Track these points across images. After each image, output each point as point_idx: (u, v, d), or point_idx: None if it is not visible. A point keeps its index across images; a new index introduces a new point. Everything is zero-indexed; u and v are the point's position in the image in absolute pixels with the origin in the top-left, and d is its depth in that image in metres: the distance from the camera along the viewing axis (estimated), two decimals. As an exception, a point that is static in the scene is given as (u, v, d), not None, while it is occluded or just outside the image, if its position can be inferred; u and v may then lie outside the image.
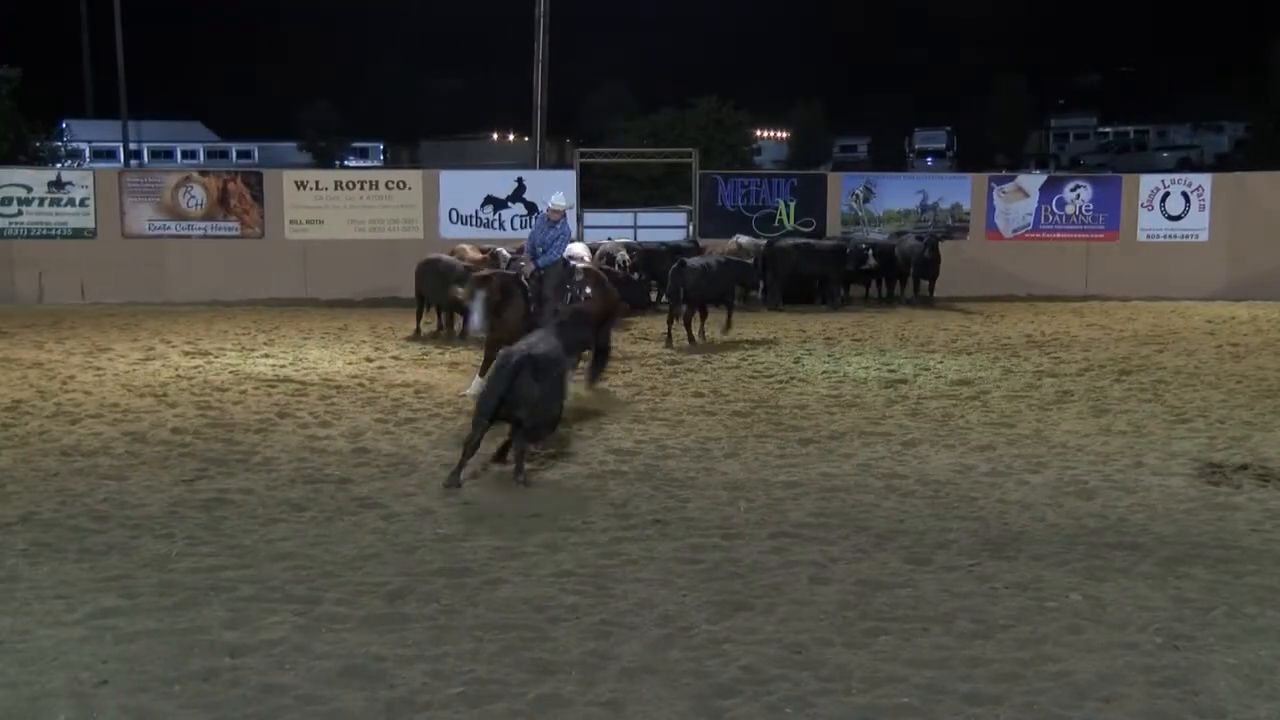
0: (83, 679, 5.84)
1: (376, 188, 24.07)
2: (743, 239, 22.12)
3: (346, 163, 62.99)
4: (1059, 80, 74.92)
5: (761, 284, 21.01)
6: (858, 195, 24.43)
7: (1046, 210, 24.10)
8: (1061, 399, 12.96)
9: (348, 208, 23.66)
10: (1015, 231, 24.12)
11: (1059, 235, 24.07)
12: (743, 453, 10.52)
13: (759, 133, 54.16)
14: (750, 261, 20.12)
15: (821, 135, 66.41)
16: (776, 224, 23.96)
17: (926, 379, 14.24)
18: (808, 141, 65.06)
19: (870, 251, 21.92)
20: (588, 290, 13.19)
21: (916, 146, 66.42)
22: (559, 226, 13.31)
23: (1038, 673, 5.93)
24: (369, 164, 63.83)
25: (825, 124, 66.57)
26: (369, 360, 15.68)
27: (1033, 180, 25.42)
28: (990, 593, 7.03)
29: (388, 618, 6.65)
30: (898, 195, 24.62)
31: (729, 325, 17.66)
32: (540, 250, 13.16)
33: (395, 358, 15.91)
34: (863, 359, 15.77)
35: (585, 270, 13.87)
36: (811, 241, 22.57)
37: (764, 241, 22.08)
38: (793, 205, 24.18)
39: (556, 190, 13.78)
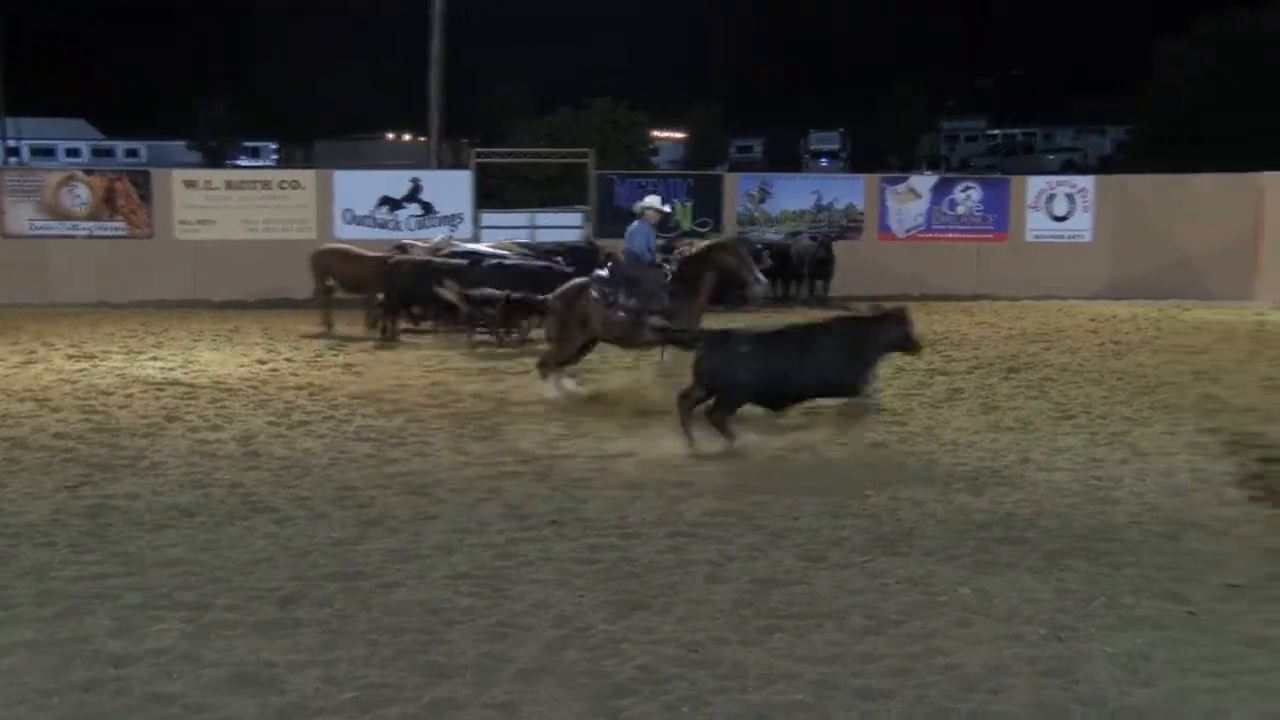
0: (-41, 693, 5.68)
1: (269, 187, 23.75)
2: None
3: (238, 162, 61.89)
4: (950, 83, 76.18)
5: None
6: (753, 195, 24.66)
7: (938, 211, 24.53)
8: (952, 396, 13.19)
9: (240, 208, 23.29)
10: (908, 232, 24.52)
11: (950, 235, 24.51)
12: (640, 452, 10.53)
13: (656, 133, 54.27)
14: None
15: (718, 136, 66.81)
16: (673, 224, 24.05)
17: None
18: (704, 142, 65.38)
19: (766, 252, 22.08)
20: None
21: (811, 147, 67.09)
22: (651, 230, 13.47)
23: (928, 666, 6.03)
24: (261, 164, 62.84)
25: (722, 125, 66.93)
26: (261, 362, 15.46)
27: (924, 181, 25.87)
28: (882, 588, 7.14)
29: (279, 623, 6.55)
30: (793, 196, 24.89)
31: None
32: (648, 253, 13.31)
33: (289, 360, 15.70)
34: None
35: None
36: (706, 242, 22.67)
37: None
38: (689, 206, 24.31)
39: (648, 195, 14.35)
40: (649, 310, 12.82)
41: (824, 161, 63.85)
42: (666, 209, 14.03)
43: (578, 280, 13.74)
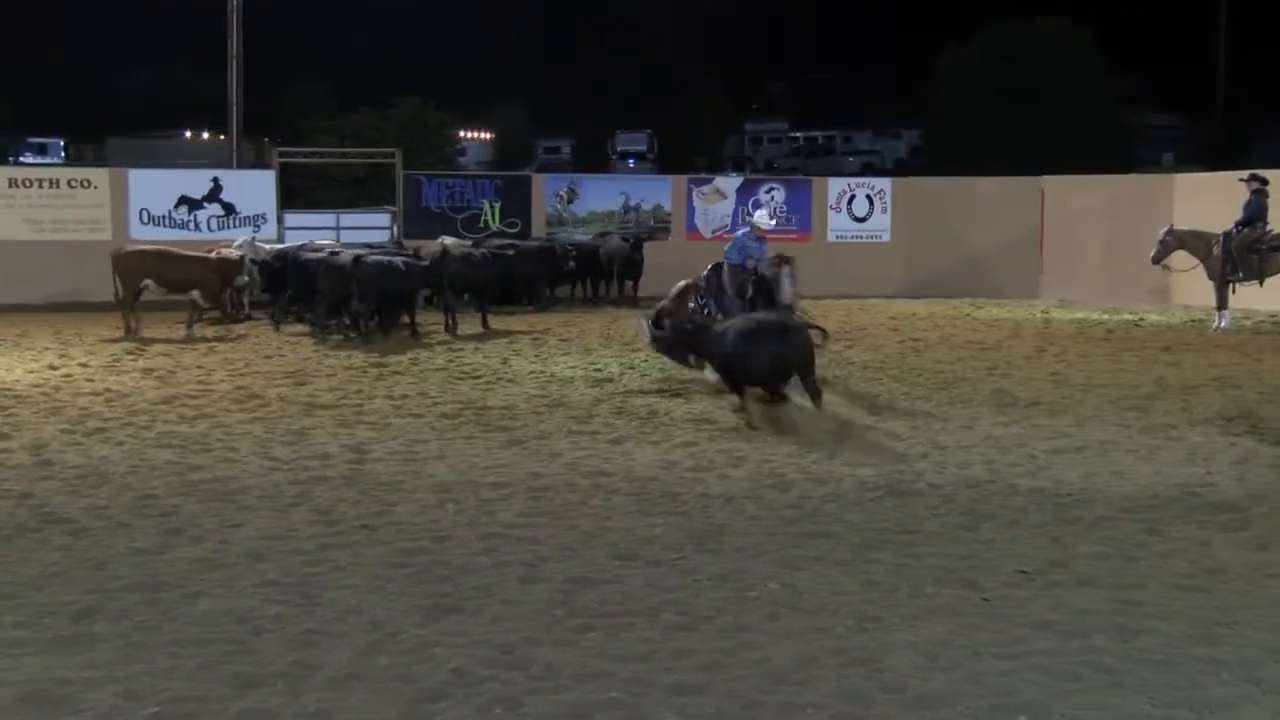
0: None
1: (58, 186, 22.77)
2: (448, 240, 21.97)
3: (23, 159, 59.06)
4: (753, 86, 77.63)
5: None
6: (562, 196, 24.72)
7: (743, 211, 24.95)
8: (759, 394, 13.42)
9: (25, 207, 22.29)
10: (714, 232, 24.89)
11: (755, 236, 24.94)
12: (450, 455, 10.48)
13: (463, 133, 53.88)
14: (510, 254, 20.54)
15: (525, 136, 66.75)
16: (482, 225, 23.96)
17: (631, 377, 14.52)
18: (511, 143, 65.22)
19: (572, 252, 22.18)
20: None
21: (618, 149, 67.56)
22: (763, 242, 14.79)
23: (739, 661, 6.14)
24: (49, 161, 60.14)
25: (528, 125, 66.89)
26: (53, 368, 14.81)
27: (729, 182, 26.34)
28: (694, 585, 7.23)
29: (75, 638, 6.30)
30: (601, 196, 25.03)
31: (485, 321, 18.67)
32: (752, 261, 14.52)
33: (83, 365, 15.09)
34: (569, 359, 15.95)
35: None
36: (517, 243, 22.66)
37: (470, 242, 22.01)
38: (498, 206, 24.24)
39: (760, 212, 16.00)
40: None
41: (631, 162, 64.34)
42: (771, 224, 15.70)
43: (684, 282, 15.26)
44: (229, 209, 23.09)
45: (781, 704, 5.67)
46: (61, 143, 66.70)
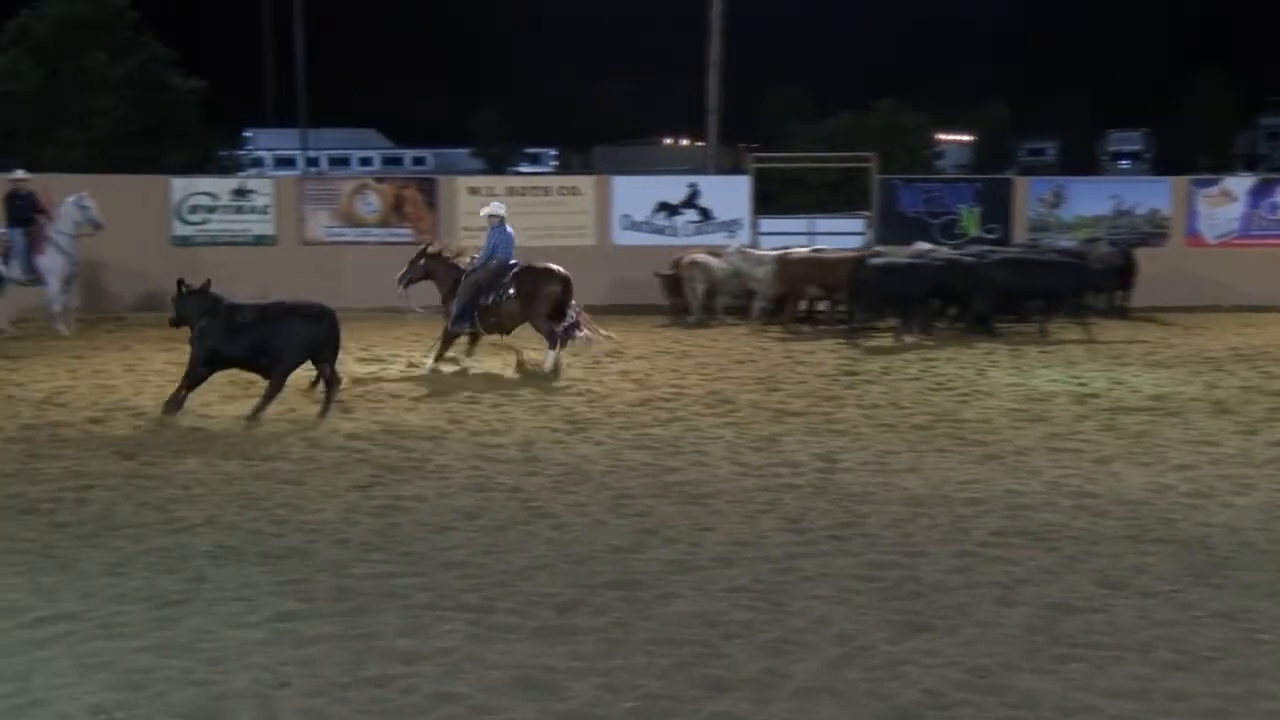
0: (264, 681, 5.90)
1: (549, 193, 24.20)
2: (923, 246, 21.55)
3: (519, 169, 63.67)
4: (1268, 76, 71.48)
5: None
6: (1046, 200, 23.63)
7: (1256, 215, 22.90)
8: (1271, 416, 12.21)
9: (521, 214, 23.73)
10: (1219, 238, 22.98)
11: (1270, 241, 22.83)
12: (923, 467, 10.19)
13: (941, 136, 52.97)
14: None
15: (1007, 138, 64.77)
16: (959, 230, 23.32)
17: (1120, 393, 13.61)
18: (992, 145, 63.45)
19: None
20: (510, 291, 15.16)
21: (1110, 149, 64.22)
22: (493, 231, 15.79)
23: (1249, 709, 5.54)
24: (541, 170, 64.49)
25: (1010, 126, 64.88)
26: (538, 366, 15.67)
27: (1240, 183, 24.17)
28: (1193, 621, 6.62)
29: (559, 629, 6.57)
30: (1090, 200, 23.69)
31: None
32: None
33: (566, 365, 15.89)
34: (1050, 371, 15.17)
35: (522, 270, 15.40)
36: (994, 248, 21.82)
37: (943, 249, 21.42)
38: (977, 211, 23.51)
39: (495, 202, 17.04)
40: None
41: (1124, 163, 61.01)
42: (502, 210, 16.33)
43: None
44: (705, 214, 23.71)
45: (1302, 765, 5.04)
46: (553, 152, 71.46)
